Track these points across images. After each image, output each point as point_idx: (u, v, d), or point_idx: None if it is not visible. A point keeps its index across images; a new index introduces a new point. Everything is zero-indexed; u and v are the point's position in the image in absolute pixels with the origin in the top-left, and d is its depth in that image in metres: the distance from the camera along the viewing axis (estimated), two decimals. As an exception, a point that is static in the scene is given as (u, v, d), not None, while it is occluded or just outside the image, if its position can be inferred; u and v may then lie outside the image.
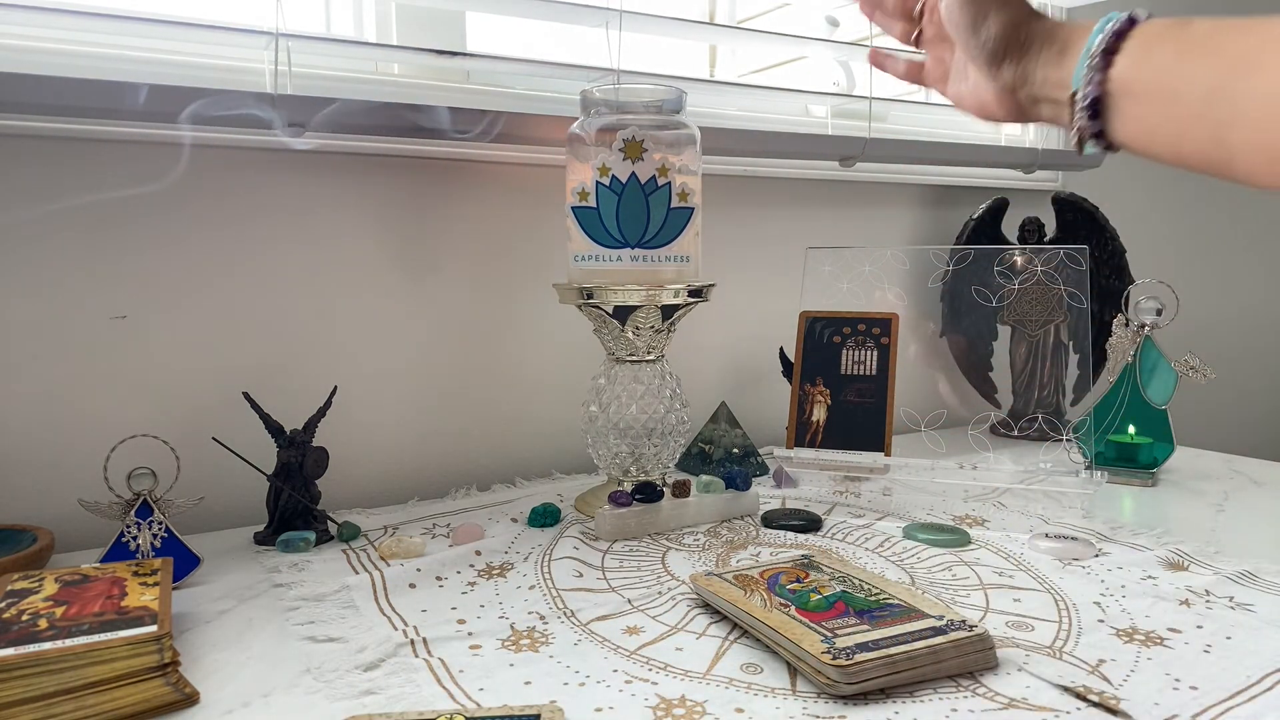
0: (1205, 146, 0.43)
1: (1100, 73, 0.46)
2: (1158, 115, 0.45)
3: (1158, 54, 0.45)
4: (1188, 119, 0.43)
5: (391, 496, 0.90)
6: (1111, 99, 0.47)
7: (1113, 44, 0.46)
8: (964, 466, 0.90)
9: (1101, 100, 0.47)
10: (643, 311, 0.80)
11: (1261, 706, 0.49)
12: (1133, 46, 0.46)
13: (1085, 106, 0.47)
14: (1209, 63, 0.42)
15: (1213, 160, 0.43)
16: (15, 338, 0.76)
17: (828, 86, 1.26)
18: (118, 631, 0.48)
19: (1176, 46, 0.44)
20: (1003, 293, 1.14)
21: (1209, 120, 0.42)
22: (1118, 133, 0.47)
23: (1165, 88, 0.44)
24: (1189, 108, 0.43)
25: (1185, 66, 0.43)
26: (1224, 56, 0.42)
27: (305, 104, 0.79)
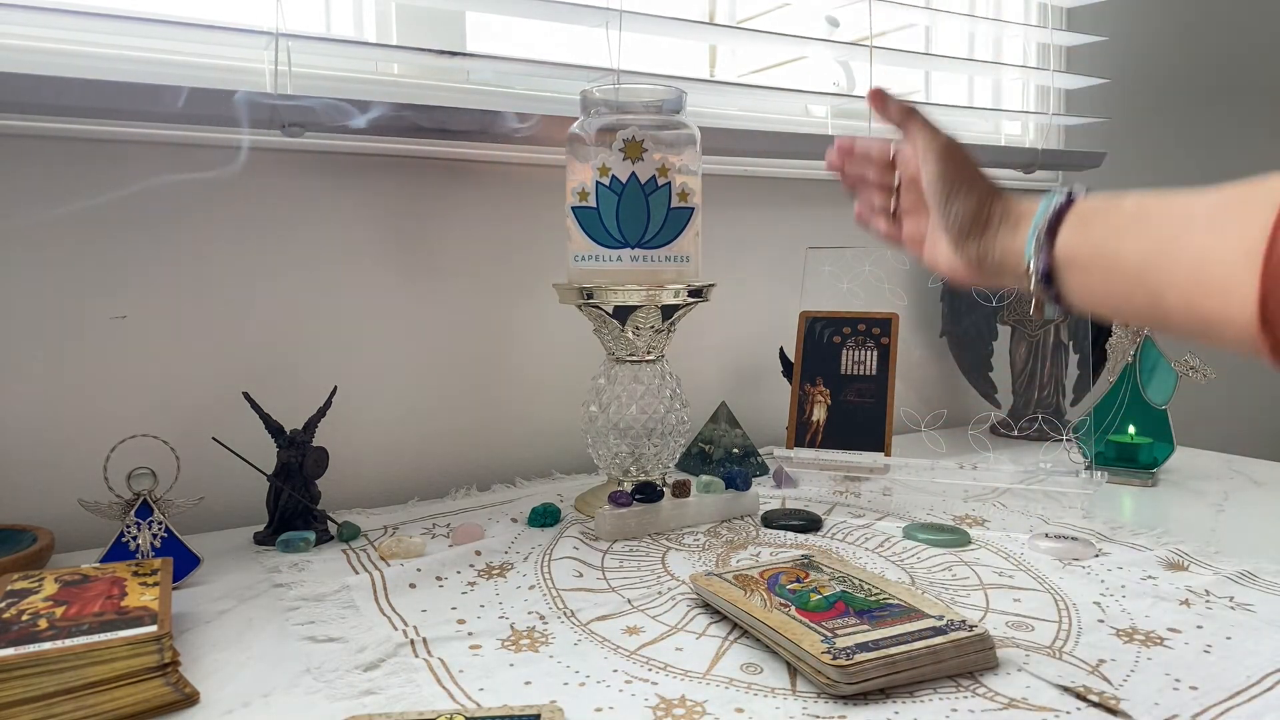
0: (1145, 309, 0.48)
1: (1046, 247, 0.52)
2: (1100, 282, 0.50)
3: (1094, 230, 0.50)
4: (1126, 286, 0.48)
5: (391, 496, 0.90)
6: (1059, 269, 0.52)
7: (1054, 221, 0.51)
8: (964, 466, 0.90)
9: (1051, 270, 0.52)
10: (643, 311, 0.80)
11: (1261, 706, 0.49)
12: (1072, 223, 0.51)
13: (1039, 278, 0.52)
14: (1138, 237, 0.47)
15: (1154, 320, 0.48)
16: (16, 338, 0.76)
17: (828, 86, 1.26)
18: (118, 631, 0.48)
19: (1109, 222, 0.49)
20: (1003, 293, 1.14)
21: (1144, 287, 0.47)
22: (1070, 297, 0.52)
23: (1104, 260, 0.49)
24: (1126, 276, 0.48)
25: (1118, 241, 0.48)
26: (1150, 230, 0.47)
27: (305, 104, 0.79)
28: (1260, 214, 0.40)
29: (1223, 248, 0.42)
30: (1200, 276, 0.43)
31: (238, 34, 0.79)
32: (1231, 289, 0.41)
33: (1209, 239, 0.43)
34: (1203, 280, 0.43)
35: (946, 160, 0.58)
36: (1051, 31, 1.33)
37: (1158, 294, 0.46)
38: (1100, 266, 0.49)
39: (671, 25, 1.00)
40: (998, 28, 1.32)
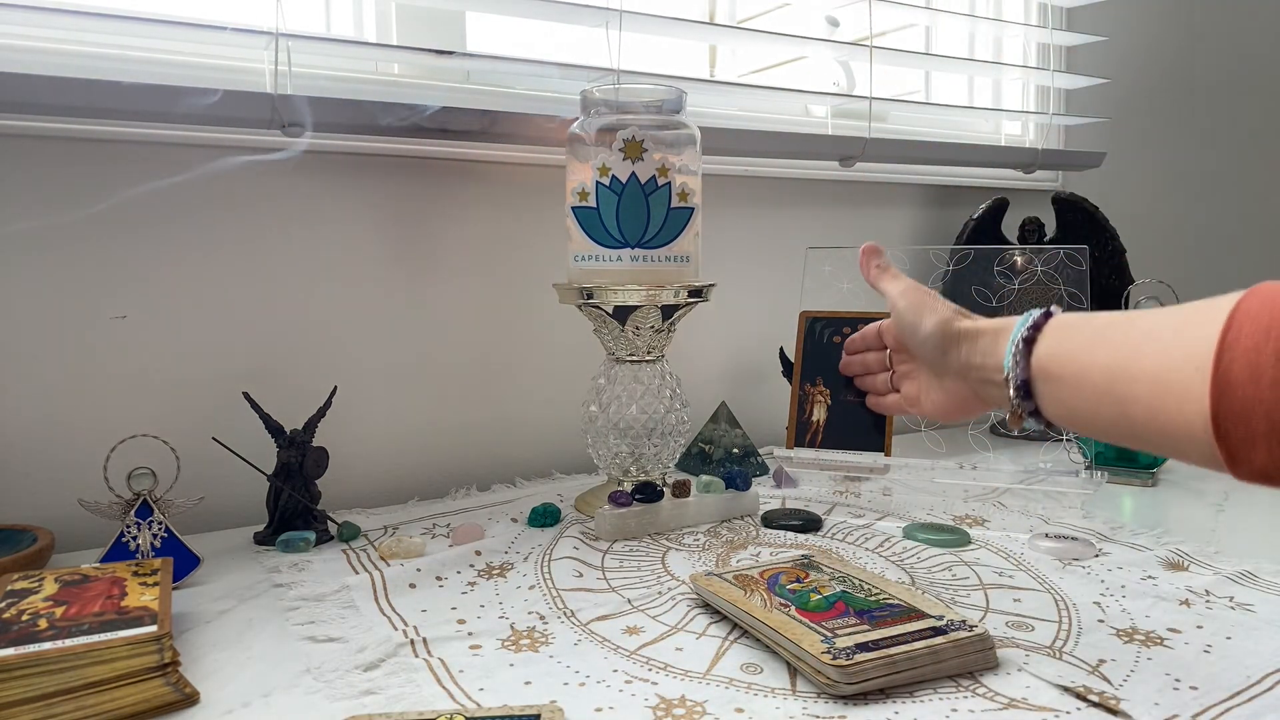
0: (1114, 421, 0.49)
1: (1024, 358, 0.54)
2: (1073, 394, 0.52)
3: (1068, 342, 0.53)
4: (1096, 399, 0.50)
5: (391, 496, 0.90)
6: (1036, 381, 0.54)
7: (1031, 334, 0.54)
8: (964, 466, 0.90)
9: (1029, 382, 0.54)
10: (643, 311, 0.80)
11: (1261, 706, 0.49)
12: (1048, 336, 0.54)
13: (1017, 387, 0.55)
14: (1105, 352, 0.49)
15: (1123, 434, 0.49)
16: (15, 338, 0.76)
17: (828, 86, 1.26)
18: (118, 631, 0.48)
19: (1081, 337, 0.52)
20: (1003, 293, 1.14)
21: (1111, 399, 0.48)
22: (1046, 410, 0.54)
23: (1075, 372, 0.51)
24: (1095, 388, 0.50)
25: (1088, 355, 0.50)
26: (1115, 346, 0.49)
27: (305, 104, 0.79)
28: (1210, 326, 0.42)
29: (1177, 359, 0.44)
30: (1159, 388, 0.45)
31: (238, 34, 0.79)
32: (1187, 400, 0.43)
33: (1166, 351, 0.45)
34: (1162, 392, 0.45)
35: (910, 294, 0.66)
36: (1051, 31, 1.33)
37: (1123, 405, 0.48)
38: (1072, 379, 0.51)
39: (671, 25, 1.00)
40: (998, 28, 1.32)
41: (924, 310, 0.64)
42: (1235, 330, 0.41)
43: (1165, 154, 1.61)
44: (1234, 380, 0.41)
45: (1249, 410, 0.40)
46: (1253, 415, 0.40)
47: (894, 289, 0.68)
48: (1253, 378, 0.40)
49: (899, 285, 0.68)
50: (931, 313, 0.64)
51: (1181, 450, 0.45)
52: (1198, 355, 0.43)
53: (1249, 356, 0.40)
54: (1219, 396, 0.41)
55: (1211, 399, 0.41)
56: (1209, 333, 0.42)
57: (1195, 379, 0.42)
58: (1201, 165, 1.67)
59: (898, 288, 0.68)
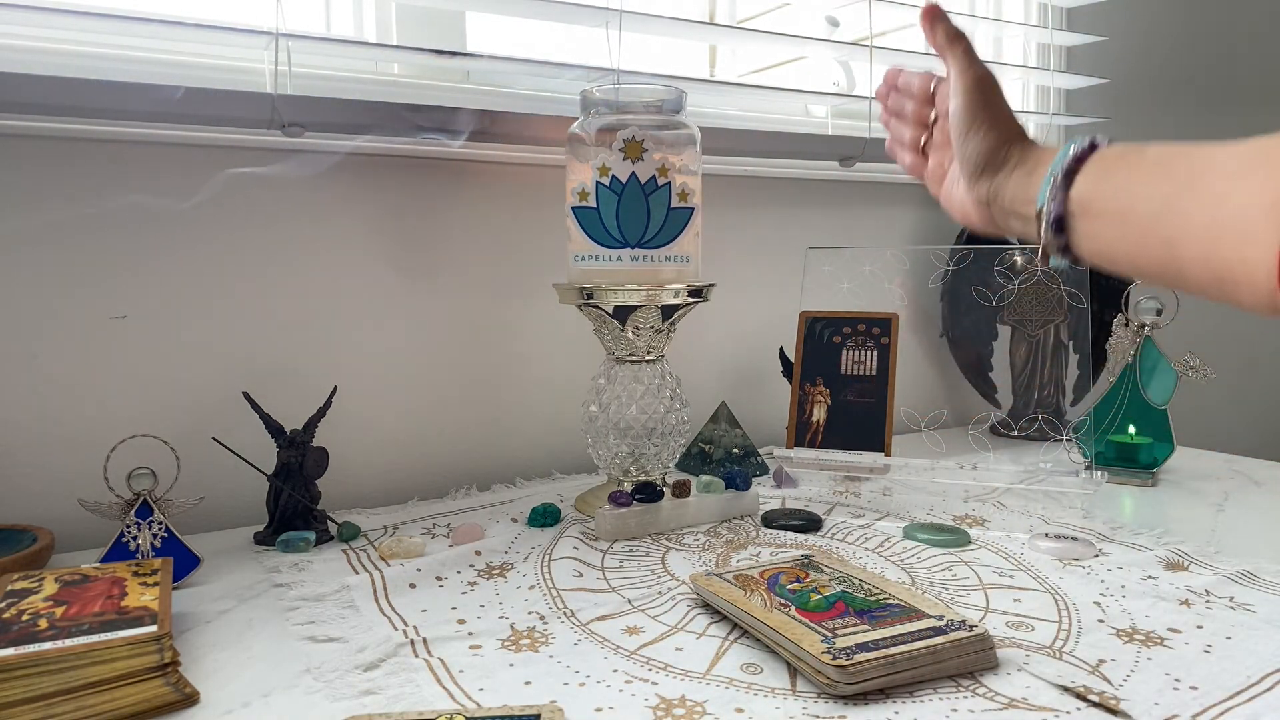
0: (1159, 261, 0.46)
1: (1062, 192, 0.50)
2: (1114, 232, 0.48)
3: (1113, 176, 0.48)
4: (1141, 236, 0.46)
5: (391, 496, 0.90)
6: (1073, 217, 0.50)
7: (1073, 166, 0.50)
8: (964, 466, 0.90)
9: (1064, 218, 0.51)
10: (643, 311, 0.80)
11: (1261, 706, 0.49)
12: (1091, 169, 0.49)
13: (1050, 223, 0.51)
14: (1157, 184, 0.45)
15: (1167, 274, 0.46)
16: (15, 337, 0.76)
17: (828, 86, 1.26)
18: (118, 631, 0.48)
19: (1129, 170, 0.48)
20: (1003, 293, 1.14)
21: (1160, 237, 0.45)
22: (1080, 247, 0.51)
23: (1120, 206, 0.47)
24: (1141, 225, 0.46)
25: (1137, 187, 0.46)
26: (1171, 178, 0.45)
27: (305, 104, 0.79)
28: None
29: (1243, 198, 0.40)
30: (1218, 227, 0.41)
31: (238, 34, 0.79)
32: (1250, 241, 0.40)
33: (1229, 189, 0.41)
34: (1220, 231, 0.41)
35: (974, 93, 0.58)
36: (1051, 31, 1.33)
37: (1173, 245, 0.44)
38: (1116, 214, 0.47)
39: (671, 25, 1.00)
40: (998, 28, 1.32)
41: (979, 122, 0.57)
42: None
43: (1165, 154, 1.61)
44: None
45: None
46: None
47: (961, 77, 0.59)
48: None
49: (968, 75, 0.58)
50: (988, 129, 0.57)
51: (1233, 295, 0.42)
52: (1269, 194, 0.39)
53: None
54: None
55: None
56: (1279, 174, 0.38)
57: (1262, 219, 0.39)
58: (1201, 165, 1.67)
59: (966, 77, 0.58)
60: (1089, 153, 0.50)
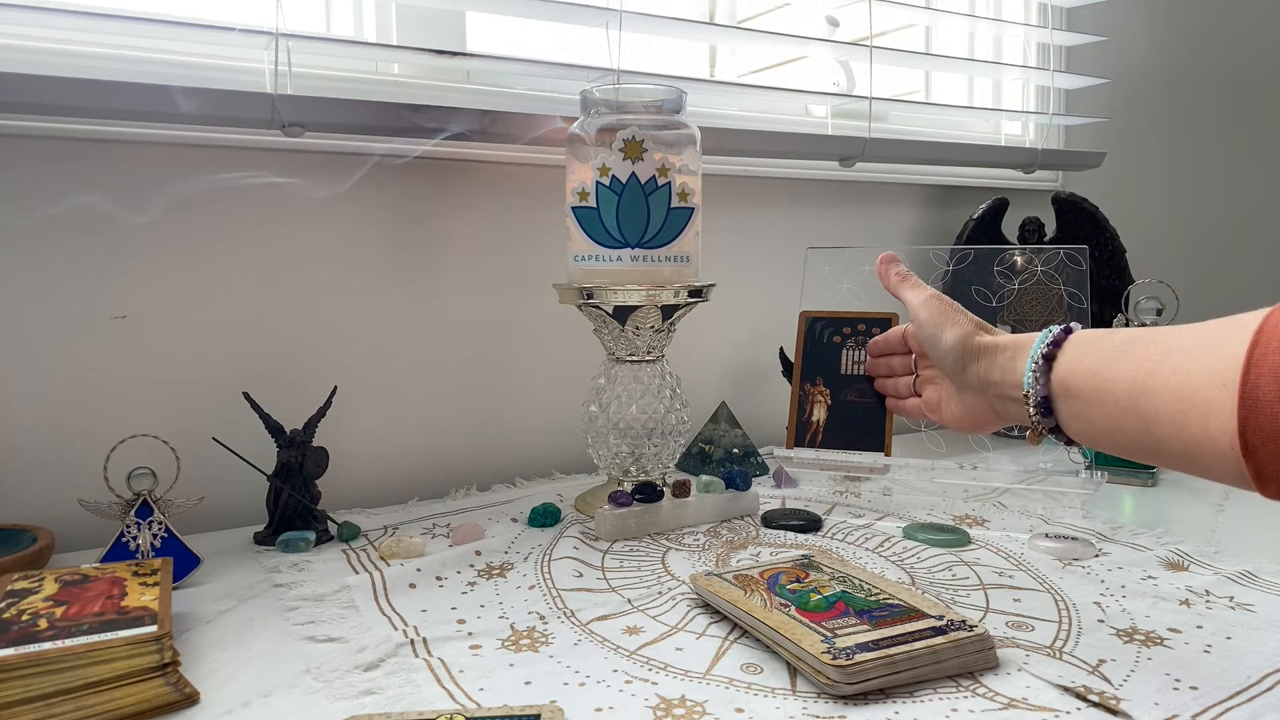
0: (1137, 437, 0.49)
1: (1044, 374, 0.55)
2: (1094, 411, 0.52)
3: (1089, 358, 0.52)
4: (1120, 414, 0.49)
5: (391, 496, 0.90)
6: (1056, 398, 0.54)
7: (1051, 350, 0.55)
8: (964, 466, 0.90)
9: (1049, 399, 0.55)
10: (643, 311, 0.80)
11: (1261, 706, 0.49)
12: (1068, 352, 0.54)
13: (1037, 404, 0.55)
14: (1127, 367, 0.49)
15: (1146, 450, 0.49)
16: (15, 338, 0.76)
17: (828, 86, 1.26)
18: (118, 631, 0.48)
19: (1102, 352, 0.52)
20: (1003, 293, 1.14)
21: (1134, 415, 0.48)
22: (1068, 427, 0.55)
23: (1097, 388, 0.51)
24: (1117, 405, 0.49)
25: (1110, 370, 0.50)
26: (1138, 361, 0.48)
27: (305, 104, 0.79)
28: (1236, 343, 0.42)
29: (1202, 375, 0.44)
30: (1184, 404, 0.45)
31: (238, 34, 0.79)
32: (1212, 417, 0.43)
33: (1190, 367, 0.45)
34: (1186, 408, 0.45)
35: (932, 304, 0.66)
36: (1051, 31, 1.33)
37: (1147, 422, 0.47)
38: (1094, 395, 0.51)
39: (671, 25, 1.00)
40: (998, 28, 1.32)
41: (945, 323, 0.65)
42: (1263, 347, 0.41)
43: (1165, 154, 1.61)
44: (1262, 398, 0.40)
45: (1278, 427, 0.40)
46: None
47: (916, 299, 0.68)
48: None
49: (920, 295, 0.68)
50: (953, 325, 0.64)
51: (1207, 468, 0.45)
52: (1224, 372, 0.42)
53: (1277, 373, 0.40)
54: (1246, 414, 0.41)
55: (1239, 417, 0.41)
56: (1235, 350, 0.42)
57: (1221, 396, 0.42)
58: (1202, 165, 1.67)
59: (919, 297, 0.68)
60: (1064, 336, 0.55)
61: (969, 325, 0.64)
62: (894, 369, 0.78)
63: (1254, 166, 1.75)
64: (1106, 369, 0.50)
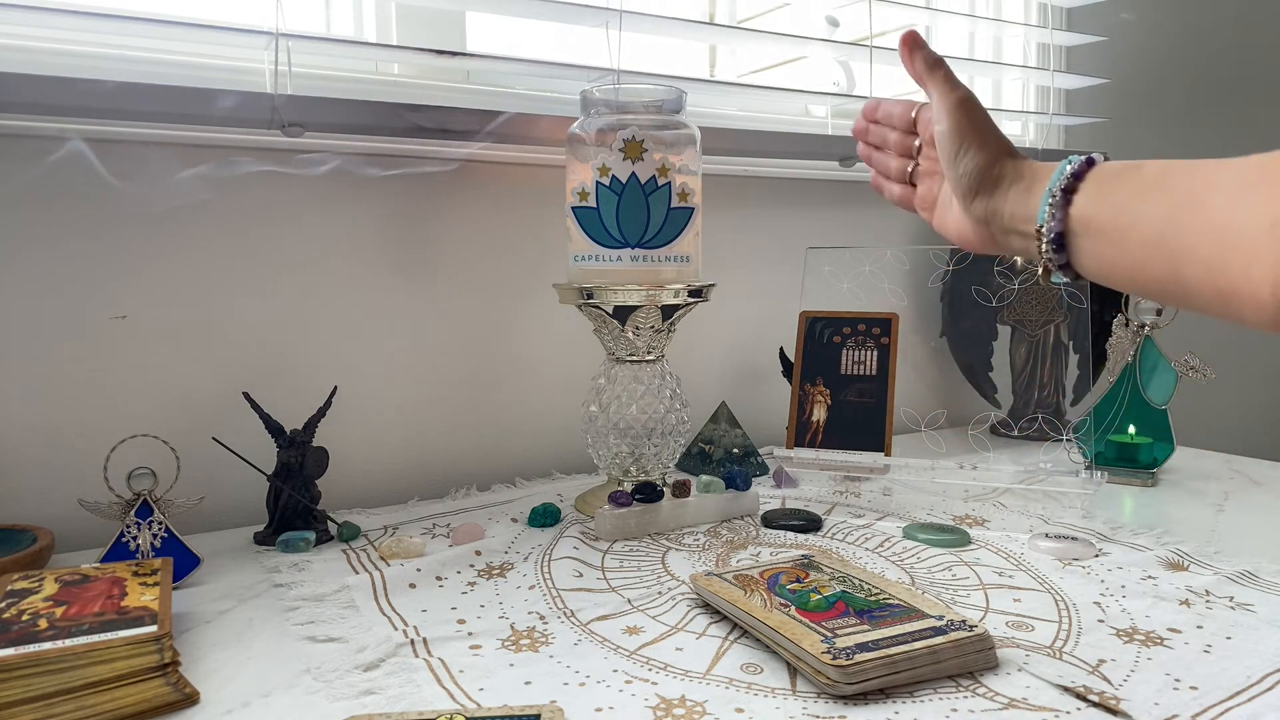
0: (1162, 279, 0.46)
1: (1061, 209, 0.50)
2: (1116, 250, 0.48)
3: (1113, 193, 0.48)
4: (1143, 253, 0.46)
5: (391, 496, 0.90)
6: (1073, 234, 0.50)
7: (1071, 184, 0.50)
8: (964, 466, 0.90)
9: (1064, 235, 0.50)
10: (643, 311, 0.80)
11: (1261, 706, 0.49)
12: (1090, 186, 0.49)
13: (1050, 240, 0.51)
14: (1159, 202, 0.45)
15: (1170, 292, 0.46)
16: (15, 338, 0.76)
17: (828, 86, 1.26)
18: (118, 631, 0.48)
19: (1130, 186, 0.47)
20: (1003, 293, 1.14)
21: (1163, 255, 0.45)
22: (1081, 264, 0.51)
23: (1121, 224, 0.47)
24: (1144, 243, 0.46)
25: (1138, 205, 0.46)
26: (1172, 196, 0.45)
27: (305, 104, 0.79)
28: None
29: (1246, 217, 0.40)
30: (1221, 246, 0.41)
31: (238, 34, 0.79)
32: (1254, 259, 0.39)
33: (1232, 207, 0.41)
34: (1223, 250, 0.41)
35: (960, 115, 0.57)
36: (1051, 31, 1.33)
37: (1176, 263, 0.44)
38: (1117, 232, 0.47)
39: (671, 25, 1.00)
40: (998, 28, 1.32)
41: (969, 141, 0.56)
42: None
43: (1165, 154, 1.60)
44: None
45: None
46: None
47: (944, 100, 0.58)
48: None
49: (949, 98, 0.57)
50: (979, 148, 0.56)
51: (1238, 312, 0.42)
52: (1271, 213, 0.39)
53: None
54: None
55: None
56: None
57: (1265, 239, 0.39)
58: (1201, 165, 1.67)
59: (949, 100, 0.57)
60: (1087, 168, 0.50)
61: (994, 149, 0.55)
62: (888, 143, 0.67)
63: (1254, 166, 1.74)
64: (1134, 204, 0.46)
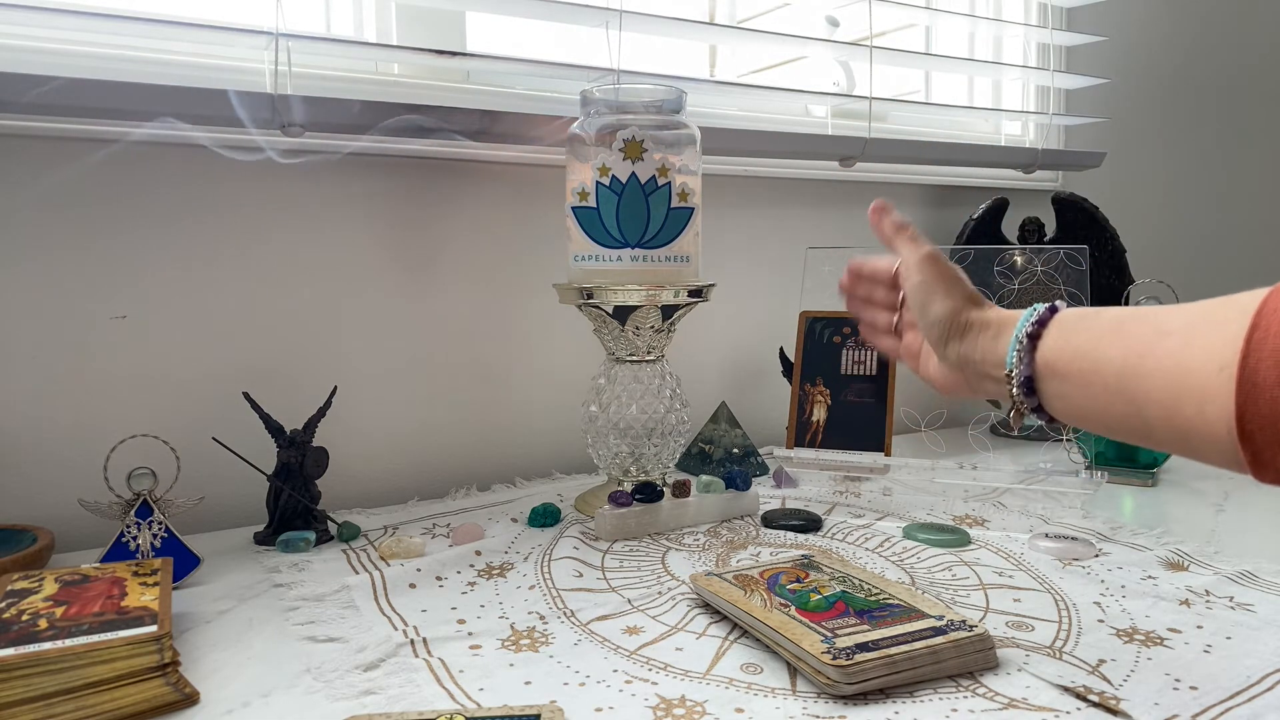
0: (1127, 420, 0.48)
1: (1028, 354, 0.53)
2: (1081, 392, 0.50)
3: (1075, 338, 0.51)
4: (1108, 396, 0.48)
5: (391, 496, 0.90)
6: (1040, 378, 0.52)
7: (1036, 330, 0.52)
8: (964, 466, 0.90)
9: (1033, 379, 0.53)
10: (643, 311, 0.80)
11: (1261, 706, 0.49)
12: (1054, 331, 0.52)
13: (1020, 385, 0.53)
14: (1116, 346, 0.47)
15: (1136, 431, 0.48)
16: (15, 338, 0.76)
17: (828, 86, 1.26)
18: (118, 631, 0.48)
19: (1090, 332, 0.50)
20: (1003, 293, 1.14)
21: (1124, 398, 0.47)
22: (1052, 407, 0.53)
23: (1084, 369, 0.49)
24: (1107, 386, 0.48)
25: (1099, 350, 0.49)
26: (1128, 341, 0.47)
27: (305, 104, 0.79)
28: (1233, 326, 0.41)
29: (1198, 359, 0.42)
30: (1177, 388, 0.44)
31: (238, 34, 0.79)
32: (1207, 401, 0.42)
33: (1185, 350, 0.43)
34: (1179, 393, 0.43)
35: (927, 268, 0.61)
36: (1051, 31, 1.33)
37: (1137, 404, 0.46)
38: (1080, 375, 0.50)
39: (671, 25, 1.00)
40: (998, 28, 1.32)
41: (935, 293, 0.60)
42: (1262, 330, 0.39)
43: (1165, 154, 1.61)
44: (1261, 382, 0.39)
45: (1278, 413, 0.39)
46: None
47: (911, 257, 0.62)
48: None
49: (916, 254, 0.62)
50: (944, 297, 0.59)
51: (1199, 451, 0.44)
52: (1221, 355, 0.41)
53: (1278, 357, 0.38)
54: (1245, 399, 0.40)
55: (1237, 401, 0.40)
56: (1233, 332, 0.41)
57: (1218, 379, 0.41)
58: (1202, 165, 1.67)
59: (915, 255, 0.62)
60: (1050, 315, 0.53)
61: (959, 299, 0.59)
62: (874, 299, 0.71)
63: (1254, 166, 1.75)
64: (1095, 350, 0.49)
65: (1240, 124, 1.71)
